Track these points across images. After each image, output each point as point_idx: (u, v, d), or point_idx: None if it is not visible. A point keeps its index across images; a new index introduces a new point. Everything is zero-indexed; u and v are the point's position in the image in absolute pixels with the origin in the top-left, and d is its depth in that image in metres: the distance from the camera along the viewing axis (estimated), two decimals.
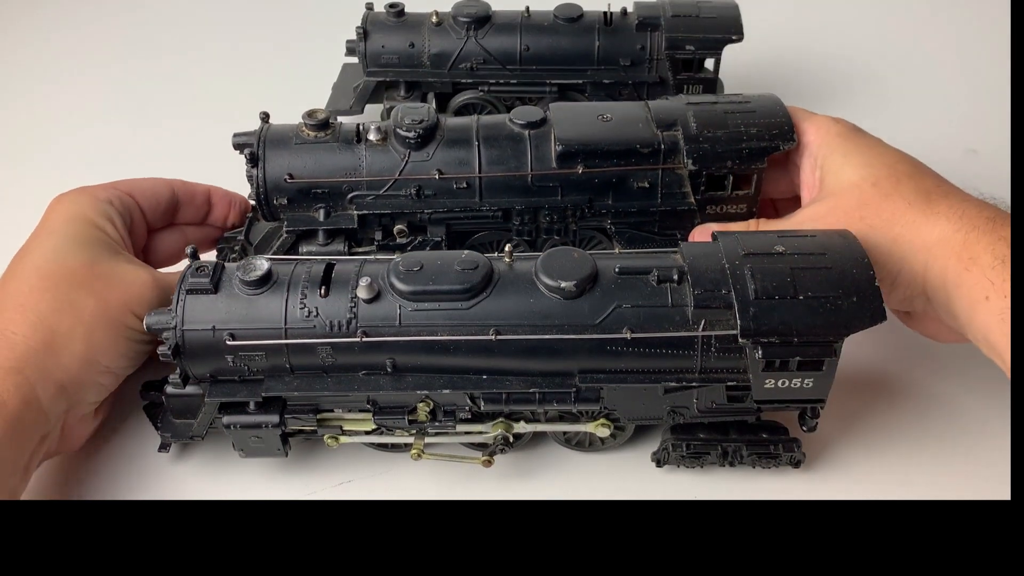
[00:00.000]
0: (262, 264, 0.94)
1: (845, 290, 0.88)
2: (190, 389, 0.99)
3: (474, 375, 0.95)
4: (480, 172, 1.13)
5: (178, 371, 0.96)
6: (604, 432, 1.00)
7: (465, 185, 1.13)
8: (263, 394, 0.96)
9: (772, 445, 1.00)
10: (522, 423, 1.00)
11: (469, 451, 1.04)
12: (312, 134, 1.13)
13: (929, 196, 0.98)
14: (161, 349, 0.93)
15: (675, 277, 0.92)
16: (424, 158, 1.13)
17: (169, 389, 1.00)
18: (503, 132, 1.15)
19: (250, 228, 1.20)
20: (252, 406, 0.97)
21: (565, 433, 1.04)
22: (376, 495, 1.02)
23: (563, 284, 0.92)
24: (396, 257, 0.96)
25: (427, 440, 1.00)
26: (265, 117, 1.16)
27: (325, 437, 1.00)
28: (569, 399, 0.96)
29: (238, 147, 1.14)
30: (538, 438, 1.06)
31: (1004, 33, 1.69)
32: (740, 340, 0.88)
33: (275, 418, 0.97)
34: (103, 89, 1.75)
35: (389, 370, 0.95)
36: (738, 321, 0.88)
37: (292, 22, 1.95)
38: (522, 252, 1.03)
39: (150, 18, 1.97)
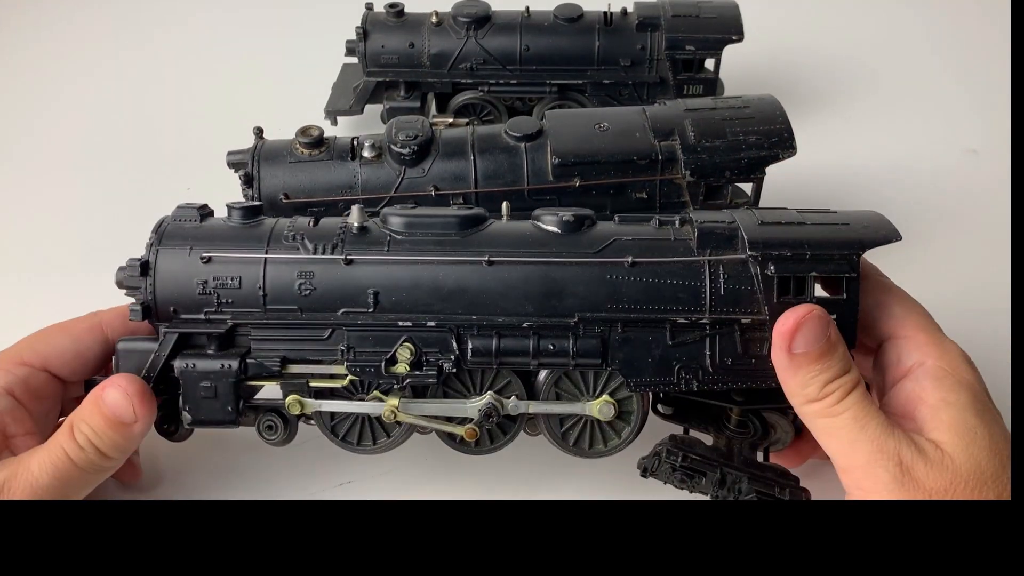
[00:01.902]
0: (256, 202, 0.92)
1: (855, 219, 0.88)
2: (145, 344, 0.91)
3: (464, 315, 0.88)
4: (476, 187, 1.13)
5: (139, 299, 0.89)
6: (608, 412, 0.91)
7: (461, 200, 1.13)
8: (230, 321, 0.89)
9: (778, 487, 0.91)
10: (513, 399, 0.92)
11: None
12: (306, 152, 1.14)
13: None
14: (130, 262, 0.89)
15: (676, 223, 0.91)
16: (420, 174, 1.13)
17: (121, 344, 0.92)
18: (499, 145, 1.15)
19: None
20: (212, 347, 0.90)
21: (563, 429, 0.95)
22: (376, 495, 1.03)
23: (562, 215, 0.89)
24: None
25: (406, 417, 0.91)
26: (259, 132, 1.16)
27: (287, 401, 0.91)
28: (567, 345, 0.88)
29: (232, 166, 1.14)
30: (536, 446, 1.01)
31: (1004, 33, 1.67)
32: (749, 253, 0.84)
33: (234, 361, 0.89)
34: (102, 84, 1.76)
35: (371, 307, 0.88)
36: (745, 236, 0.85)
37: (292, 22, 1.94)
38: None
39: (151, 17, 1.97)
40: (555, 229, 0.90)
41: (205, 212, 0.93)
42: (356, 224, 0.89)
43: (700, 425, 0.97)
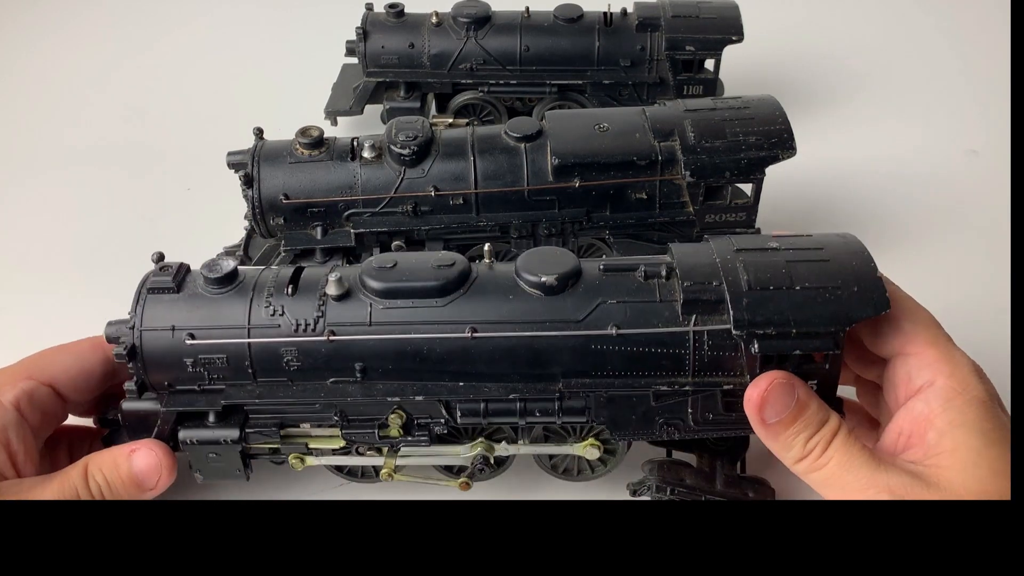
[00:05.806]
0: (228, 263, 0.91)
1: (845, 280, 0.83)
2: (147, 404, 0.92)
3: (450, 382, 0.89)
4: (476, 188, 1.13)
5: (134, 379, 0.90)
6: (593, 454, 0.94)
7: (461, 201, 1.13)
8: (223, 402, 0.90)
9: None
10: (503, 444, 0.94)
11: (447, 475, 1.00)
12: (306, 152, 1.13)
13: None
14: (116, 350, 0.88)
15: (663, 273, 0.88)
16: (419, 174, 1.13)
17: (125, 405, 0.92)
18: (499, 145, 1.15)
19: (249, 243, 1.20)
20: (212, 418, 0.91)
21: (552, 459, 0.98)
22: (374, 496, 1.02)
23: (544, 279, 0.87)
24: (371, 257, 0.93)
25: (399, 460, 0.94)
26: (259, 133, 1.16)
27: (290, 457, 0.95)
28: (553, 407, 0.89)
29: (232, 166, 1.14)
30: (523, 463, 1.01)
31: (1004, 33, 1.67)
32: (734, 332, 0.82)
33: (235, 432, 0.90)
34: (102, 84, 1.76)
35: (358, 376, 0.89)
36: (731, 311, 0.82)
37: (292, 22, 1.94)
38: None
39: (151, 18, 1.97)
40: (537, 293, 0.88)
41: (180, 278, 0.91)
42: (334, 294, 0.89)
43: (683, 446, 0.98)
